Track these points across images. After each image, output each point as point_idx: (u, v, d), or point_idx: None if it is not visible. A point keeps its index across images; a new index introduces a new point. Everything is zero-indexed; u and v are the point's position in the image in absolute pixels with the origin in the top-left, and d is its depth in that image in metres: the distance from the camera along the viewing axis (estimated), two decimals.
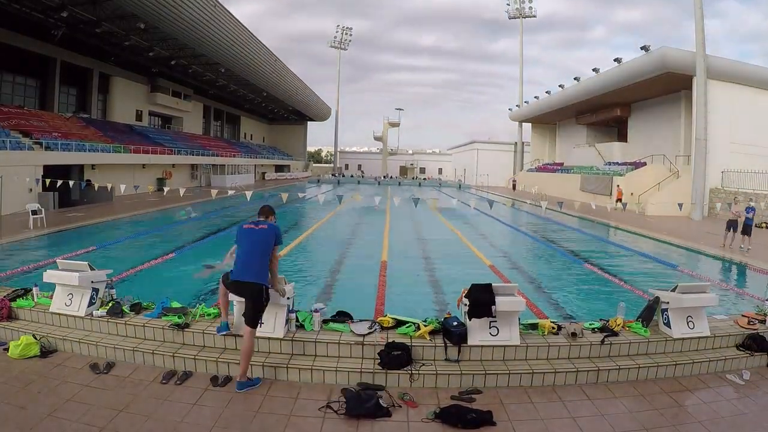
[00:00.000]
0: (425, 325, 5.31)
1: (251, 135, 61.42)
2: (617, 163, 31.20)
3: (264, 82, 41.57)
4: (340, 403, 4.25)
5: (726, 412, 4.41)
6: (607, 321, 5.70)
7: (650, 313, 5.77)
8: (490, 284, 5.24)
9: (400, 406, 4.29)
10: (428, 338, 5.13)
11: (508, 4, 51.85)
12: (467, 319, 5.20)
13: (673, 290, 5.67)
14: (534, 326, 5.54)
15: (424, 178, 63.51)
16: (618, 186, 25.43)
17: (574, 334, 5.30)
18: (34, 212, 13.67)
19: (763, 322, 5.97)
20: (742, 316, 6.20)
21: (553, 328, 5.46)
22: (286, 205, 20.58)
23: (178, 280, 8.85)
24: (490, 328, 5.12)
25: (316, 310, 5.49)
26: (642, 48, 24.74)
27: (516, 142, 53.25)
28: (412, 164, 71.89)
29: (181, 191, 12.74)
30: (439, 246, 13.51)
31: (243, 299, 4.89)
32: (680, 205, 13.75)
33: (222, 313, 5.22)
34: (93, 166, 23.68)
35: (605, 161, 33.69)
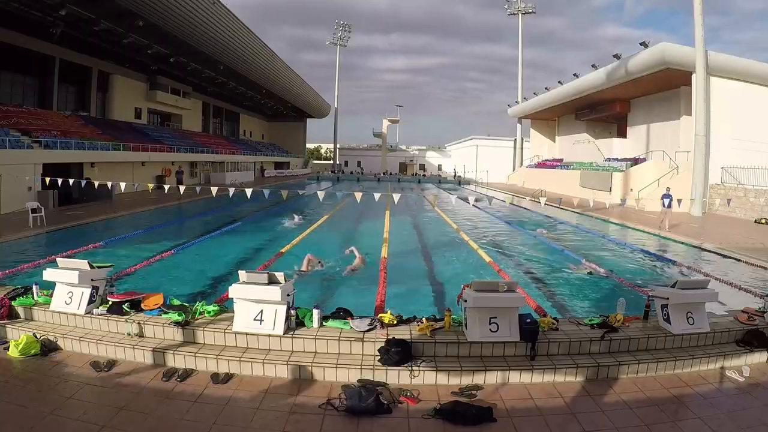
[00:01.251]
0: (429, 320, 5.36)
1: (251, 132, 61.30)
2: (617, 159, 31.15)
3: (263, 79, 41.45)
4: (341, 399, 4.26)
5: (726, 407, 4.42)
6: (607, 317, 5.71)
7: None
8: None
9: (401, 403, 4.30)
10: (429, 334, 5.13)
11: (507, 0, 51.72)
12: (466, 316, 5.21)
13: (673, 286, 5.67)
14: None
15: (424, 175, 63.45)
16: None
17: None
18: (34, 211, 13.66)
19: (762, 316, 5.98)
20: (742, 311, 6.21)
21: (553, 324, 5.47)
22: (286, 203, 20.62)
23: (178, 278, 8.86)
24: (490, 324, 5.13)
25: (316, 307, 5.50)
26: (641, 44, 24.64)
27: (515, 138, 53.15)
28: (411, 161, 71.77)
29: (181, 188, 12.73)
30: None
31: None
32: (679, 201, 13.74)
33: None
34: (92, 164, 23.65)
35: (605, 157, 33.65)
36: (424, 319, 5.48)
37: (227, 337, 5.20)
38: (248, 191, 11.65)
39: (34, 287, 6.15)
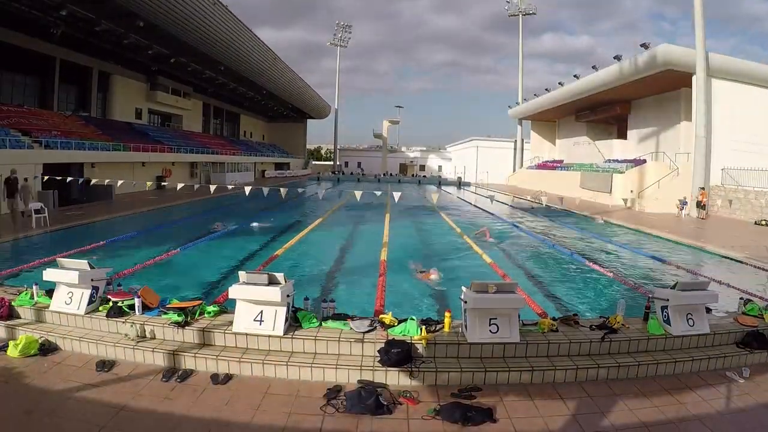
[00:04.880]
0: (430, 331, 5.32)
1: (251, 133, 61.33)
2: (617, 161, 31.15)
3: (264, 80, 41.48)
4: (341, 400, 4.25)
5: (726, 409, 4.42)
6: (607, 318, 5.70)
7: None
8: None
9: (401, 404, 4.30)
10: (425, 344, 5.06)
11: (508, 2, 51.81)
12: (466, 317, 5.20)
13: (673, 287, 5.66)
14: (534, 323, 5.54)
15: (424, 176, 63.56)
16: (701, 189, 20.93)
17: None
18: (37, 211, 13.62)
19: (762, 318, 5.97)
20: (743, 313, 6.20)
21: (553, 325, 5.47)
22: (286, 203, 20.64)
23: (179, 278, 8.86)
24: (490, 325, 5.12)
25: (321, 300, 5.60)
26: (642, 45, 24.64)
27: (516, 140, 53.18)
28: (412, 162, 71.86)
29: (179, 187, 12.79)
30: None
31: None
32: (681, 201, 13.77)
33: None
34: (93, 165, 23.66)
35: (605, 158, 33.65)
36: (423, 328, 5.23)
37: (227, 338, 5.19)
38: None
39: (34, 287, 6.14)
